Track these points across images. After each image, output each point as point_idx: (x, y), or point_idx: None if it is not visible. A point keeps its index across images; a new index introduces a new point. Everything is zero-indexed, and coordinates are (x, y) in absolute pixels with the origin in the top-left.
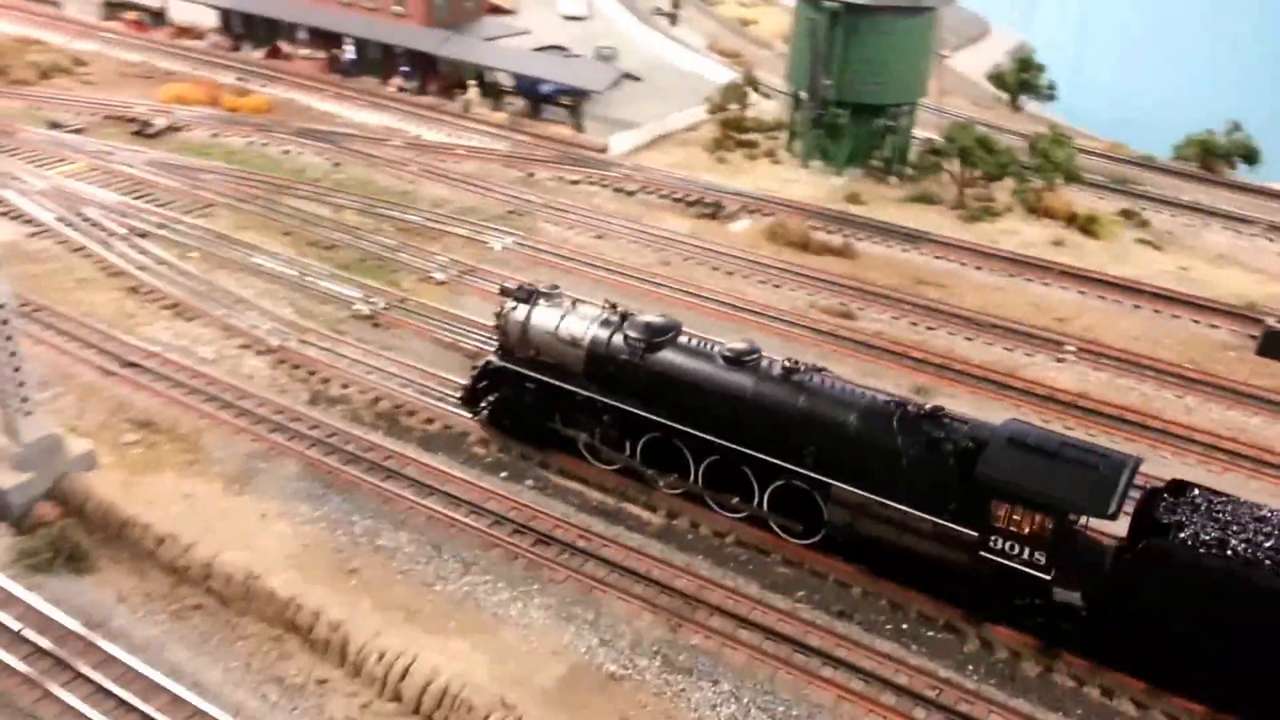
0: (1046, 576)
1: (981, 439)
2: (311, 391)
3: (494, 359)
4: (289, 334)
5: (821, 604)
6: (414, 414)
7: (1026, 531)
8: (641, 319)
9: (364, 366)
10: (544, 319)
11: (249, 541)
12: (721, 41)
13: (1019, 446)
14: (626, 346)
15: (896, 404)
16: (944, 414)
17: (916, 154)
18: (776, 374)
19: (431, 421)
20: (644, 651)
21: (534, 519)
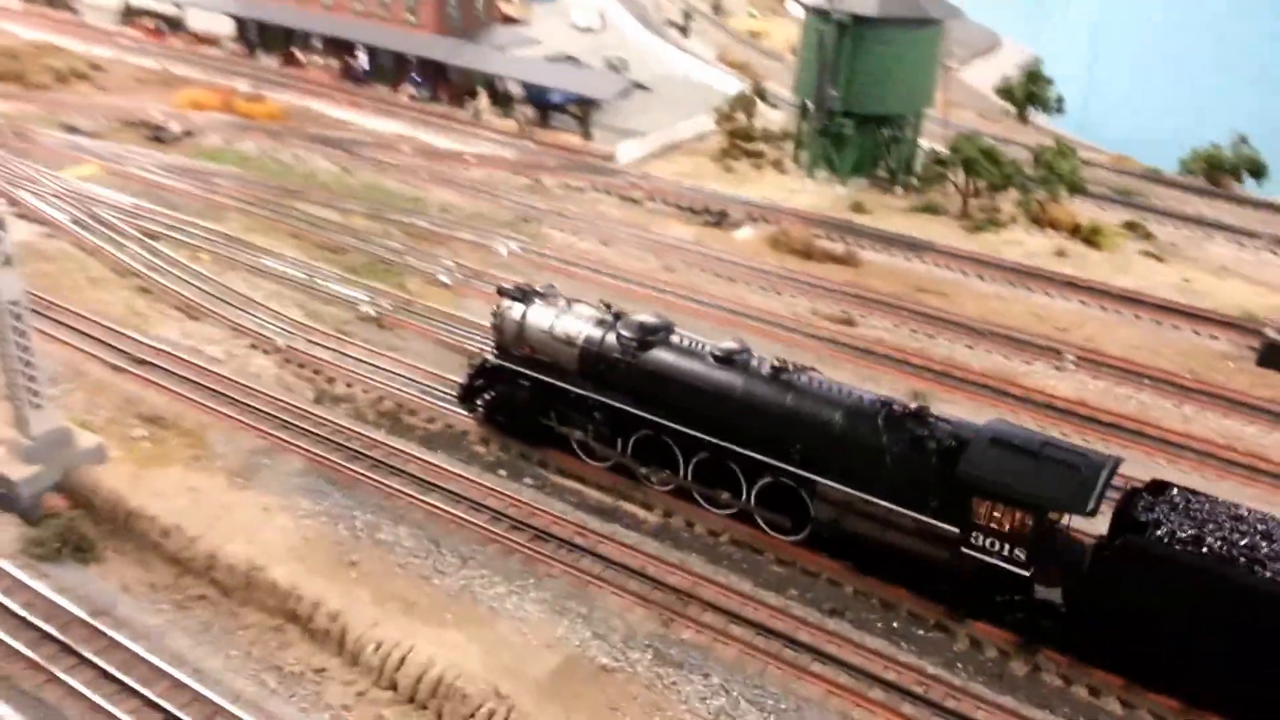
0: (1027, 573)
1: (964, 438)
2: (317, 390)
3: (490, 357)
4: (295, 334)
5: (813, 602)
6: (416, 413)
7: (1007, 529)
8: (634, 318)
9: (368, 366)
10: (539, 318)
11: (252, 534)
12: (731, 53)
13: (1001, 445)
14: (619, 345)
15: (882, 403)
16: (928, 413)
17: (922, 165)
18: (765, 373)
19: (433, 420)
20: (636, 645)
21: (532, 515)
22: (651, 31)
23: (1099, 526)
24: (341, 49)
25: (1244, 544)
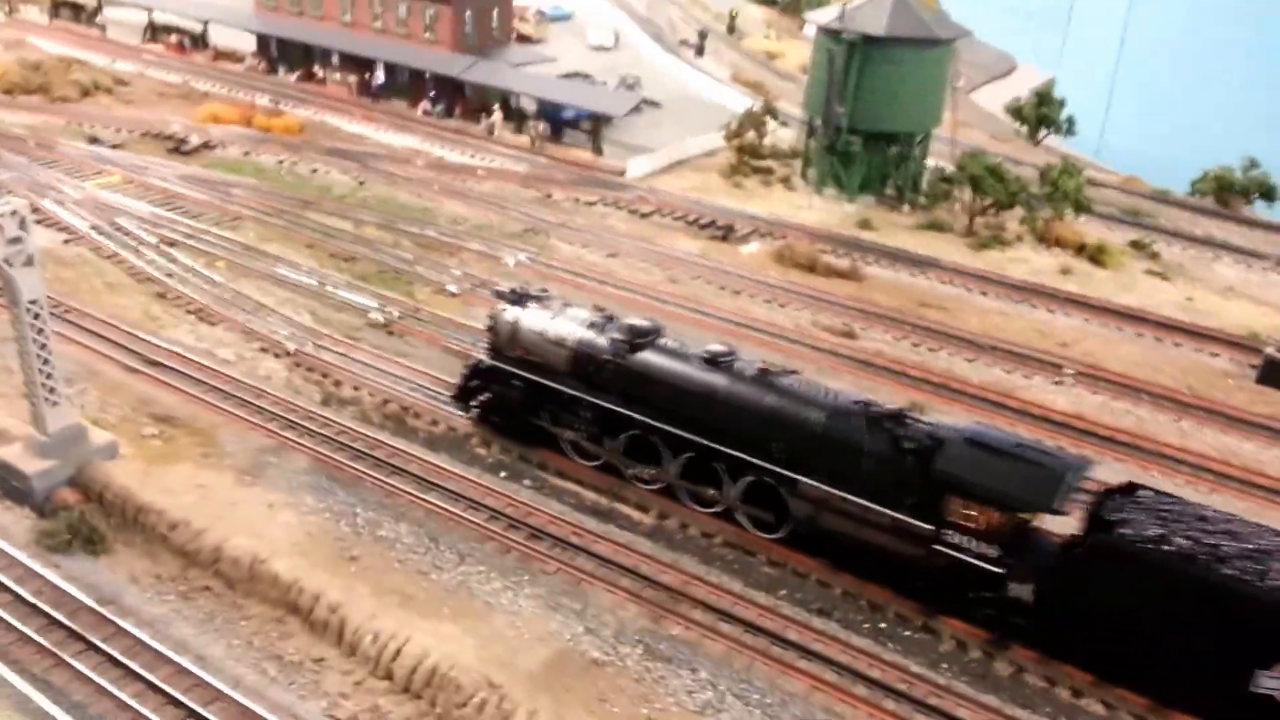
0: (999, 570)
1: (941, 438)
2: (324, 393)
3: (485, 358)
4: (306, 339)
5: (802, 602)
6: (420, 416)
7: (980, 526)
8: (625, 321)
9: (375, 371)
10: (533, 320)
11: (257, 529)
12: (745, 73)
13: (975, 445)
14: (609, 347)
15: (863, 404)
16: (906, 414)
17: (929, 183)
18: (750, 374)
19: (436, 423)
20: (627, 640)
21: (529, 515)
22: (666, 51)
23: (1075, 527)
24: (360, 66)
25: (1208, 542)
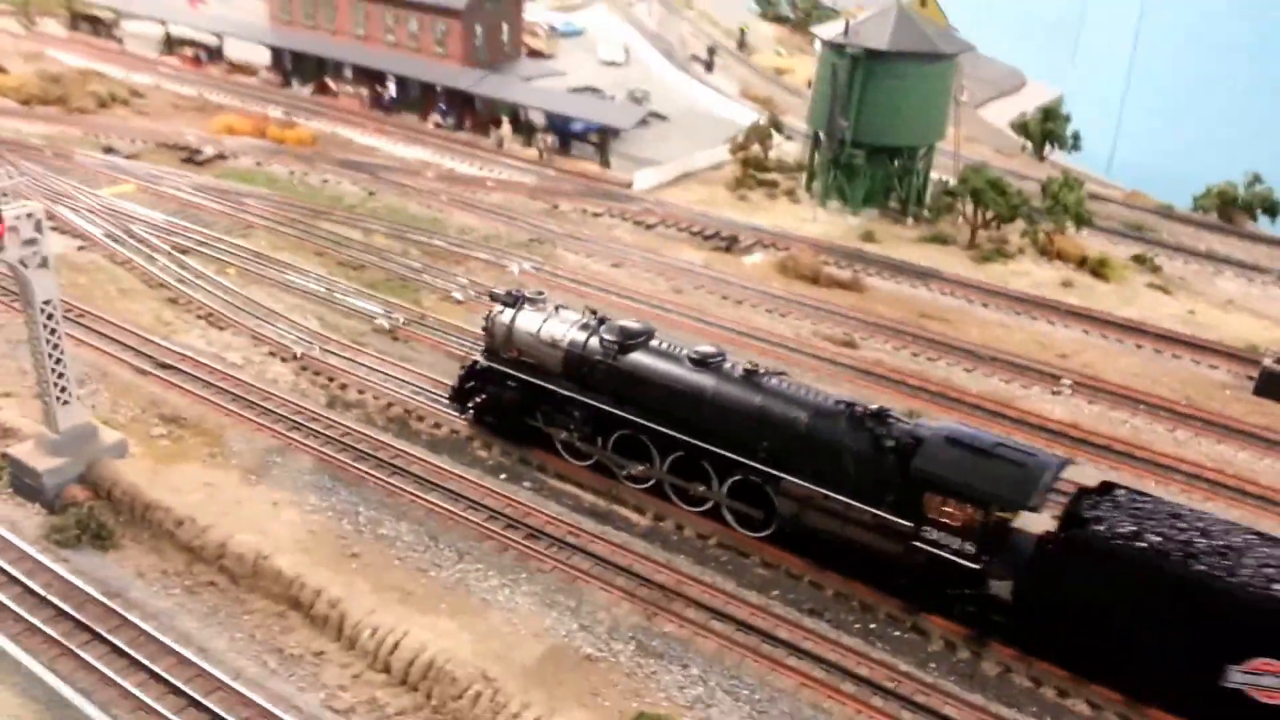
0: (977, 567)
1: (921, 436)
2: (330, 396)
3: (481, 359)
4: (313, 343)
5: (794, 602)
6: (423, 419)
7: (958, 523)
8: (617, 323)
9: (380, 375)
10: (527, 322)
11: (261, 526)
12: (754, 89)
13: (954, 444)
14: (601, 348)
15: (846, 404)
16: (888, 414)
17: (932, 196)
18: (737, 375)
19: (439, 426)
20: (620, 636)
21: (527, 515)
22: (676, 66)
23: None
24: (372, 79)
25: (1180, 539)
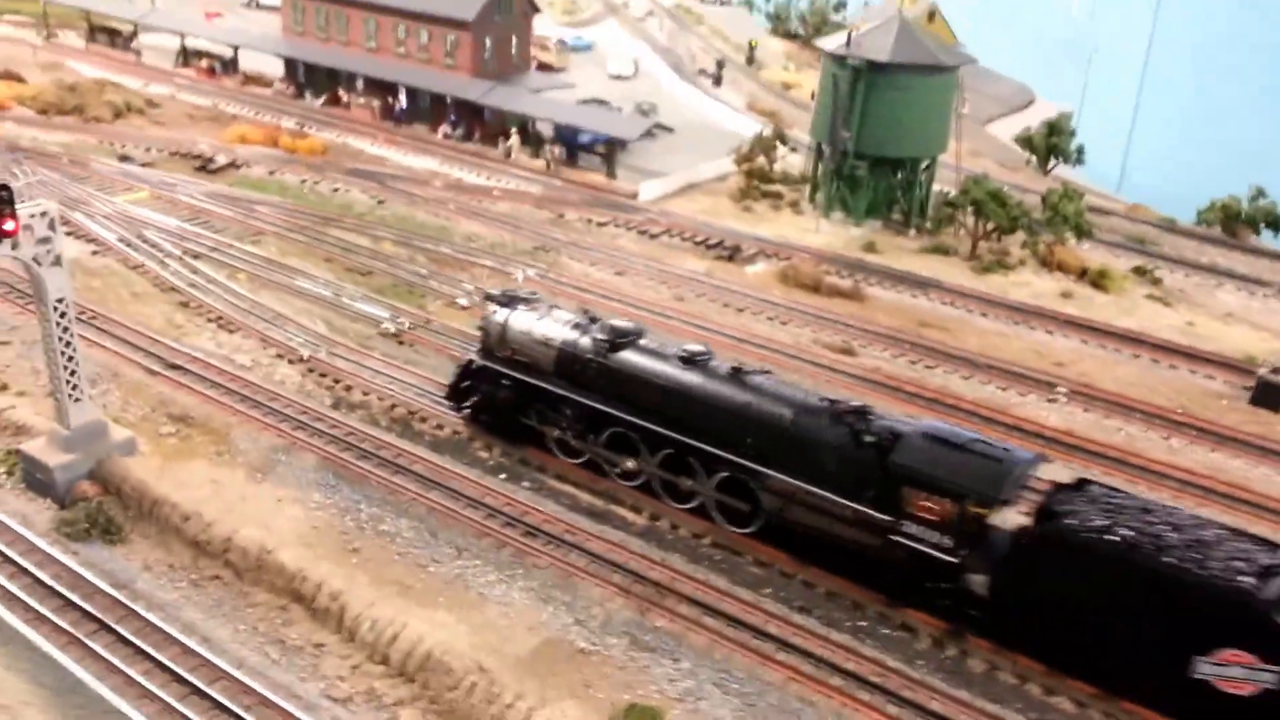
0: (954, 560)
1: (900, 432)
2: (335, 397)
3: (476, 359)
4: (320, 346)
5: (785, 600)
6: (426, 420)
7: (935, 518)
8: (608, 322)
9: (385, 377)
10: (521, 322)
11: (265, 522)
12: (761, 102)
13: (932, 440)
14: (592, 346)
15: (829, 402)
16: (870, 411)
17: (934, 207)
18: (724, 373)
19: (441, 427)
20: (613, 631)
21: (526, 513)
22: (684, 80)
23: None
24: (383, 90)
25: (1151, 533)
